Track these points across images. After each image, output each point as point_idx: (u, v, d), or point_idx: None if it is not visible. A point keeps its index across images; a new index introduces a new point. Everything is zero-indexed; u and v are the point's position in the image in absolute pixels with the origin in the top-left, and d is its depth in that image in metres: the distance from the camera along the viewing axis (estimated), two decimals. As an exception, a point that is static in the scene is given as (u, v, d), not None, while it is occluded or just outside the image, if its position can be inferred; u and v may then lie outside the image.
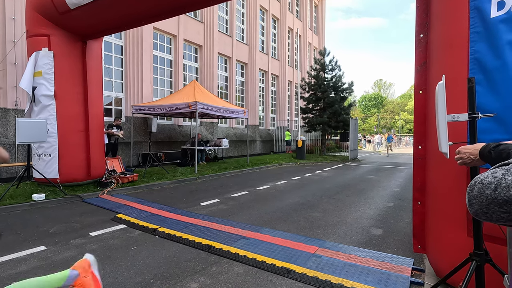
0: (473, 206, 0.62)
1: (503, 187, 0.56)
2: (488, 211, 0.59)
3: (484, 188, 0.59)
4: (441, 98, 1.67)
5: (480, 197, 0.60)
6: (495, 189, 0.58)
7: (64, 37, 6.20)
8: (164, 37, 12.74)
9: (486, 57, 1.96)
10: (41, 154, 6.19)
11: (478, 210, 0.61)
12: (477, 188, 0.61)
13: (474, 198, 0.61)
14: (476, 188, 0.61)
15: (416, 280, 2.69)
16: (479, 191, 0.60)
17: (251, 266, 3.02)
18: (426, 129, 2.68)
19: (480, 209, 0.60)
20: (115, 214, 4.87)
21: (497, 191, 0.57)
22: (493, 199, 0.58)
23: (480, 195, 0.60)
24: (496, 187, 0.57)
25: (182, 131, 13.30)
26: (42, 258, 3.20)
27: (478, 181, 0.61)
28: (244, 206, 5.61)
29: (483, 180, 0.61)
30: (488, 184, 0.59)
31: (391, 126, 60.00)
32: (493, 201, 0.58)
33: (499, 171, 0.60)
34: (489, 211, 0.59)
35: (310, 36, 26.31)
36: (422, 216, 2.74)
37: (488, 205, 0.59)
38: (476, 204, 0.61)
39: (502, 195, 0.56)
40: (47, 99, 6.09)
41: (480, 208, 0.60)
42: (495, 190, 0.57)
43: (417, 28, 2.73)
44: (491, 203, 0.58)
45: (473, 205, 0.62)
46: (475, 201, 0.61)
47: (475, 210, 0.62)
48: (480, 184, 0.61)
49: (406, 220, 4.70)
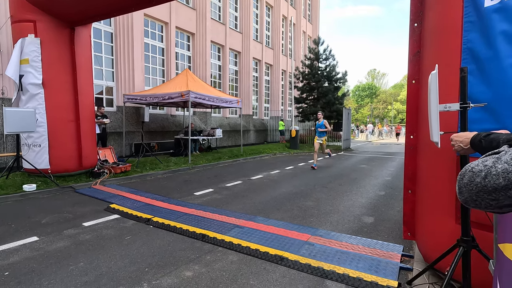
0: (463, 193, 0.63)
1: (493, 175, 0.57)
2: (477, 198, 0.60)
3: (474, 176, 0.60)
4: (433, 87, 1.68)
5: (470, 185, 0.61)
6: (485, 177, 0.59)
7: (51, 23, 5.99)
8: (155, 24, 12.43)
9: (479, 47, 1.97)
10: (31, 144, 6.07)
11: (467, 197, 0.62)
12: (468, 176, 0.62)
13: (464, 186, 0.62)
14: (467, 176, 0.62)
15: (405, 266, 2.77)
16: (470, 179, 0.61)
17: (245, 254, 3.06)
18: (418, 119, 2.71)
19: (470, 197, 0.62)
20: (108, 204, 4.85)
21: (487, 179, 0.58)
22: (483, 186, 0.59)
23: (470, 183, 0.61)
24: (486, 175, 0.58)
25: (175, 121, 13.18)
26: (35, 249, 3.18)
27: (469, 169, 0.62)
28: (238, 195, 5.64)
29: (473, 168, 0.61)
30: (478, 172, 0.60)
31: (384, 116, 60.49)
32: (482, 189, 0.59)
33: (489, 159, 0.61)
34: (478, 198, 0.60)
35: (304, 25, 26.01)
36: (413, 204, 2.80)
37: (477, 193, 0.60)
38: (466, 192, 0.62)
39: (492, 182, 0.57)
40: (35, 87, 5.93)
41: (470, 196, 0.61)
42: (485, 178, 0.58)
43: (411, 17, 2.71)
44: (480, 191, 0.59)
45: (463, 192, 0.63)
46: (465, 189, 0.62)
47: (464, 197, 0.63)
48: (470, 172, 0.62)
49: (396, 208, 4.80)
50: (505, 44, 1.85)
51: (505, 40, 1.85)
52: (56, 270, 2.73)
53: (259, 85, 20.11)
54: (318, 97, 16.99)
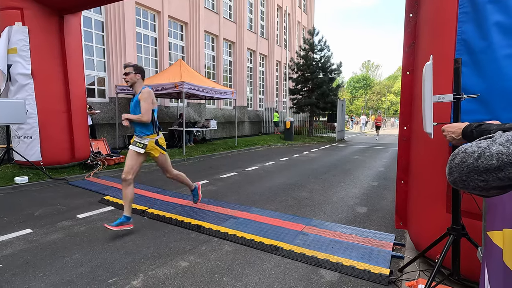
0: (453, 174, 0.64)
1: (487, 156, 0.58)
2: (467, 179, 0.61)
3: (467, 156, 0.61)
4: (428, 78, 1.69)
5: (462, 165, 0.62)
6: (478, 157, 0.59)
7: (39, 11, 5.80)
8: (147, 13, 12.15)
9: (473, 38, 1.97)
10: (21, 136, 5.96)
11: (457, 177, 0.63)
12: (460, 157, 0.63)
13: (455, 166, 0.63)
14: (459, 157, 0.63)
15: (397, 254, 2.84)
16: (462, 159, 0.62)
17: (240, 245, 3.09)
18: (412, 110, 2.73)
19: (460, 177, 0.62)
20: (102, 196, 4.82)
21: (480, 159, 0.59)
22: (475, 167, 0.59)
23: (462, 163, 0.62)
24: (479, 156, 0.59)
25: (169, 112, 13.05)
26: (29, 241, 3.16)
27: (462, 150, 0.63)
28: (233, 186, 5.66)
29: (466, 149, 0.62)
30: (471, 153, 0.61)
31: (378, 108, 60.83)
32: (474, 169, 0.60)
33: (483, 142, 0.61)
34: (468, 179, 0.61)
35: (299, 15, 25.73)
36: (405, 194, 2.85)
37: (468, 173, 0.61)
38: (456, 172, 0.63)
39: (485, 163, 0.58)
40: (24, 78, 5.78)
41: (460, 176, 0.62)
42: (478, 159, 0.59)
43: (407, 8, 2.70)
44: (471, 171, 0.60)
45: (453, 173, 0.64)
46: (456, 169, 0.63)
47: (454, 177, 0.64)
48: (463, 153, 0.62)
49: (389, 198, 4.88)
50: (498, 35, 1.86)
51: (498, 31, 1.86)
52: (51, 261, 2.72)
53: (253, 76, 19.97)
54: (312, 88, 16.95)
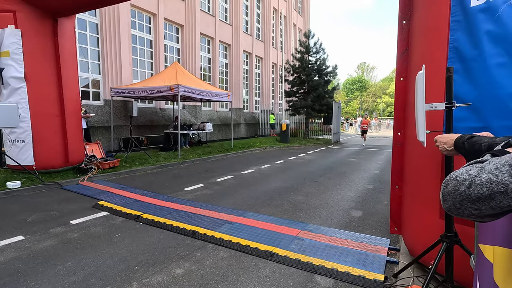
0: (447, 201, 0.64)
1: (477, 184, 0.58)
2: (461, 207, 0.62)
3: (458, 184, 0.61)
4: (420, 87, 1.70)
5: (454, 193, 0.62)
6: (469, 185, 0.59)
7: (32, 14, 5.74)
8: (143, 16, 12.11)
9: (465, 47, 2.00)
10: (14, 140, 5.88)
11: (451, 205, 0.63)
12: (452, 185, 0.63)
13: (448, 194, 0.63)
14: (451, 185, 0.63)
15: (391, 259, 2.85)
16: (454, 187, 0.62)
17: (235, 251, 3.08)
18: (405, 116, 2.75)
19: (453, 205, 0.63)
20: (96, 201, 4.77)
21: (471, 188, 0.59)
22: (467, 195, 0.60)
23: (455, 191, 0.62)
24: (470, 184, 0.59)
25: (165, 115, 13.00)
26: (21, 248, 3.11)
27: (453, 178, 0.63)
28: (228, 190, 5.64)
29: (457, 177, 0.62)
30: (462, 181, 0.61)
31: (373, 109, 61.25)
32: (466, 198, 0.60)
33: (473, 168, 0.62)
34: (461, 207, 0.61)
35: (295, 17, 25.85)
36: (399, 200, 2.86)
37: (461, 201, 0.61)
38: (450, 200, 0.63)
39: (476, 192, 0.58)
40: (17, 81, 5.71)
41: (454, 204, 0.63)
42: (470, 187, 0.59)
43: (400, 14, 2.72)
44: (464, 199, 0.60)
45: (447, 200, 0.64)
46: (449, 197, 0.63)
47: (448, 205, 0.64)
48: (454, 181, 0.63)
49: (384, 202, 4.90)
50: (489, 44, 1.88)
51: (490, 40, 1.88)
52: (43, 270, 2.68)
53: (249, 78, 19.98)
54: (308, 90, 17.01)
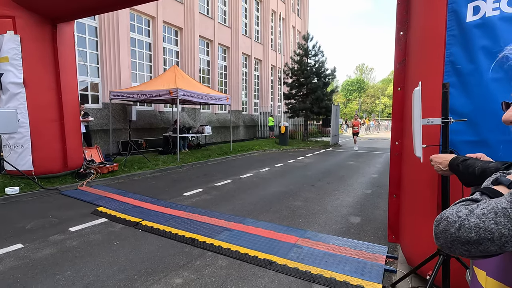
0: (439, 240, 0.66)
1: (466, 228, 0.60)
2: (452, 246, 0.63)
3: (449, 225, 0.63)
4: (416, 103, 1.72)
5: (445, 233, 0.64)
6: (459, 228, 0.61)
7: (32, 20, 5.75)
8: (142, 19, 12.13)
9: (461, 61, 2.02)
10: (13, 145, 5.88)
11: (443, 244, 0.65)
12: (443, 225, 0.65)
13: (439, 232, 0.65)
14: (442, 224, 0.65)
15: (389, 268, 2.87)
16: (444, 228, 0.64)
17: (234, 259, 3.09)
18: (403, 126, 2.77)
19: (445, 244, 0.64)
20: (95, 207, 4.78)
21: (460, 230, 0.61)
22: (457, 237, 0.61)
23: (445, 232, 0.64)
24: (460, 227, 0.61)
25: (163, 118, 13.00)
26: (20, 257, 3.12)
27: (444, 218, 0.65)
28: (227, 195, 5.65)
29: (448, 217, 0.64)
30: (453, 223, 0.62)
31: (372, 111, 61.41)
32: (456, 239, 0.62)
33: (463, 210, 0.63)
34: (452, 247, 0.63)
35: (293, 20, 25.92)
36: (397, 209, 2.88)
37: (452, 242, 0.63)
38: (441, 239, 0.65)
39: (465, 235, 0.60)
40: (15, 87, 5.72)
41: (445, 243, 0.64)
42: (459, 230, 0.61)
43: (397, 25, 2.75)
44: (454, 241, 0.62)
45: (439, 239, 0.66)
46: (441, 236, 0.65)
47: (440, 243, 0.66)
48: (445, 221, 0.64)
49: (382, 207, 4.93)
50: (485, 59, 1.91)
51: (485, 55, 1.91)
52: (42, 280, 2.69)
53: (248, 80, 20.01)
54: (307, 93, 17.05)
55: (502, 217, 0.57)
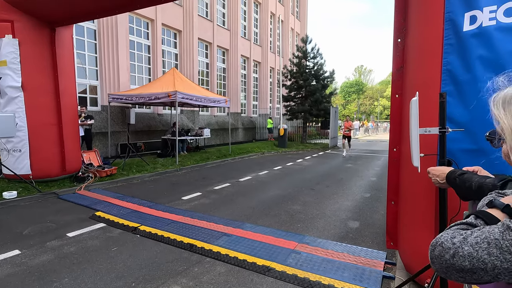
0: (435, 264, 0.66)
1: (460, 256, 0.60)
2: (447, 272, 0.63)
3: (443, 251, 0.63)
4: (414, 113, 1.73)
5: (440, 259, 0.64)
6: (453, 255, 0.61)
7: (30, 24, 5.75)
8: (140, 21, 12.13)
9: (458, 70, 2.03)
10: (10, 149, 5.86)
11: (438, 269, 0.65)
12: (438, 250, 0.65)
13: (435, 258, 0.65)
14: (437, 250, 0.65)
15: (388, 274, 2.87)
16: (440, 253, 0.64)
17: (232, 265, 3.08)
18: (401, 132, 2.78)
19: (441, 269, 0.65)
20: (94, 211, 4.76)
21: (454, 258, 0.61)
22: (451, 264, 0.61)
23: (440, 257, 0.64)
24: (454, 255, 0.61)
25: (162, 120, 12.99)
26: (17, 264, 3.10)
27: (439, 243, 0.65)
28: (226, 199, 5.65)
29: (443, 243, 0.64)
30: (447, 249, 0.63)
31: (370, 112, 61.54)
32: (451, 266, 0.62)
33: (457, 236, 0.63)
34: (448, 272, 0.63)
35: (292, 22, 25.98)
36: (395, 215, 2.88)
37: (447, 268, 0.63)
38: (437, 264, 0.65)
39: (459, 263, 0.60)
40: (14, 90, 5.71)
41: (441, 268, 0.64)
42: (453, 257, 0.61)
43: (395, 32, 2.76)
44: (449, 267, 0.62)
45: (434, 263, 0.66)
46: (436, 261, 0.65)
47: (436, 268, 0.66)
48: (440, 246, 0.64)
49: (381, 212, 4.93)
50: (482, 69, 1.92)
51: (482, 65, 1.92)
52: (39, 287, 2.67)
53: (247, 82, 20.03)
54: (306, 95, 17.08)
55: (494, 248, 0.57)
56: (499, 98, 0.72)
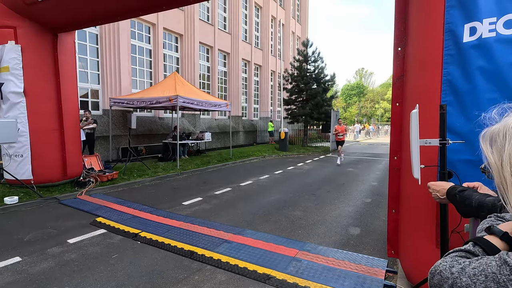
0: None
1: (458, 287, 0.60)
2: None
3: (442, 281, 0.63)
4: (414, 126, 1.73)
5: (439, 287, 0.64)
6: (451, 285, 0.62)
7: (33, 30, 5.79)
8: (142, 26, 12.21)
9: (458, 80, 2.04)
10: (12, 154, 5.89)
11: None
12: (437, 279, 0.65)
13: (434, 285, 0.66)
14: (436, 278, 0.65)
15: (389, 283, 2.86)
16: (438, 282, 0.64)
17: (233, 273, 3.07)
18: (401, 140, 2.78)
19: None
20: (94, 217, 4.76)
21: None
22: None
23: (439, 286, 0.64)
24: (452, 285, 0.61)
25: (163, 124, 13.02)
26: (17, 271, 3.10)
27: (438, 271, 0.65)
28: (227, 204, 5.64)
29: (442, 272, 0.64)
30: (446, 279, 0.63)
31: (371, 115, 61.51)
32: None
33: (456, 265, 0.64)
34: None
35: (293, 25, 26.08)
36: (396, 224, 2.88)
37: None
38: None
39: None
40: (16, 96, 5.74)
41: None
42: (452, 287, 0.62)
43: (395, 41, 2.77)
44: None
45: None
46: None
47: None
48: (439, 275, 0.65)
49: (382, 218, 4.91)
50: (482, 79, 1.92)
51: (482, 75, 1.92)
52: (40, 296, 2.67)
53: (248, 86, 20.08)
54: (307, 99, 17.10)
55: (492, 282, 0.57)
56: (487, 134, 0.72)
